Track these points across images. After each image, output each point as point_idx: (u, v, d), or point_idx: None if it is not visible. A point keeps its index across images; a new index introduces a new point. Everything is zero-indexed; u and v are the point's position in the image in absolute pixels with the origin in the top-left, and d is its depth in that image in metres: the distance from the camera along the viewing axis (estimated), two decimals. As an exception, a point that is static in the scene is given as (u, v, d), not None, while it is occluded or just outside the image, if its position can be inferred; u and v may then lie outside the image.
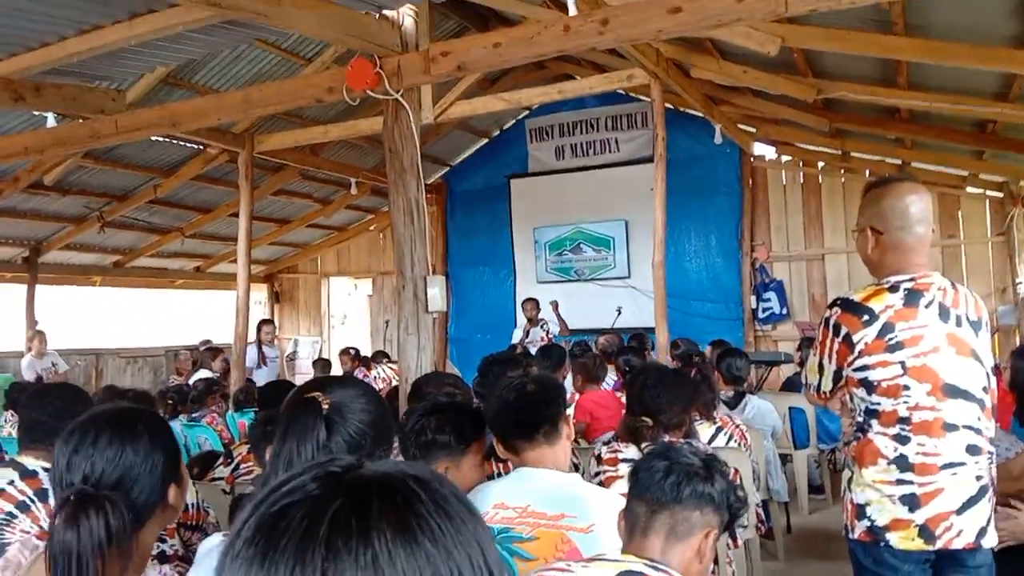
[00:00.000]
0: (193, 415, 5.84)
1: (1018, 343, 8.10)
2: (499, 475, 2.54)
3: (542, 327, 9.29)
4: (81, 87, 5.80)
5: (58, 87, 5.51)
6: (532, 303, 9.44)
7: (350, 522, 0.62)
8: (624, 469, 2.59)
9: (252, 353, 9.03)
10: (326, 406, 1.61)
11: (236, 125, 8.21)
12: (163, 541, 2.81)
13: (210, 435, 5.58)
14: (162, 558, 2.68)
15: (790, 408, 5.83)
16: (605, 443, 3.14)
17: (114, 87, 6.37)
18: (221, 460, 4.18)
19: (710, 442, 3.80)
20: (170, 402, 5.95)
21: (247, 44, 6.78)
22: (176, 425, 5.67)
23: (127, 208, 9.59)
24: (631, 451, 2.89)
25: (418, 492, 0.66)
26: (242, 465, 3.93)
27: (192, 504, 2.90)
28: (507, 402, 2.19)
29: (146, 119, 5.45)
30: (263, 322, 9.59)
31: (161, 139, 8.13)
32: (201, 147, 8.79)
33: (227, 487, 3.89)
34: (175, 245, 11.12)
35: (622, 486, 2.12)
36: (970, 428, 2.25)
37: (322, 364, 9.66)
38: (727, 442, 3.94)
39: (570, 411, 5.14)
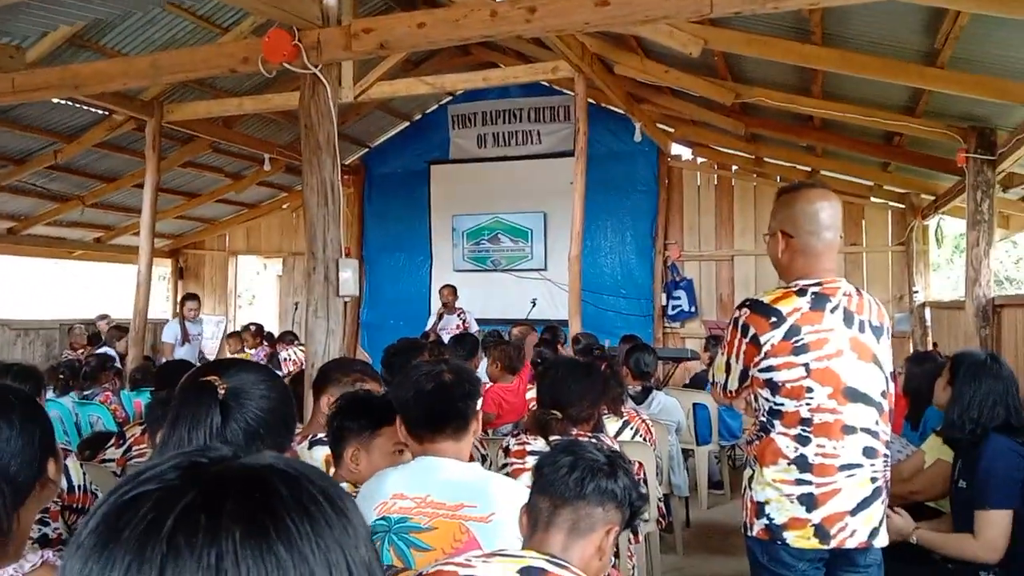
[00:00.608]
0: (85, 393, 5.58)
1: (912, 350, 8.47)
2: None
3: (459, 315, 9.22)
4: (-24, 41, 5.47)
5: (-51, 39, 5.18)
6: (450, 289, 9.34)
7: (199, 518, 0.56)
8: (532, 462, 2.58)
9: (174, 328, 8.74)
10: (222, 391, 1.53)
11: (145, 92, 7.87)
12: (46, 524, 2.67)
13: (103, 414, 5.35)
14: (44, 541, 2.55)
15: (694, 404, 5.95)
16: (513, 435, 3.13)
17: (14, 43, 6.01)
18: (113, 441, 4.00)
19: (617, 436, 3.83)
20: (61, 376, 5.66)
21: (159, 8, 6.50)
22: (67, 402, 5.41)
23: (24, 172, 9.09)
24: (539, 444, 2.89)
25: (280, 490, 0.60)
26: (135, 447, 3.78)
27: (79, 486, 2.77)
28: (422, 391, 2.11)
29: (46, 79, 5.17)
30: (187, 297, 9.20)
31: (64, 102, 7.73)
32: (107, 113, 8.39)
33: (118, 469, 3.73)
34: (75, 214, 10.60)
35: (529, 478, 2.10)
36: (868, 431, 2.31)
37: (235, 338, 9.39)
38: (633, 436, 3.99)
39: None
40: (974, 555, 2.80)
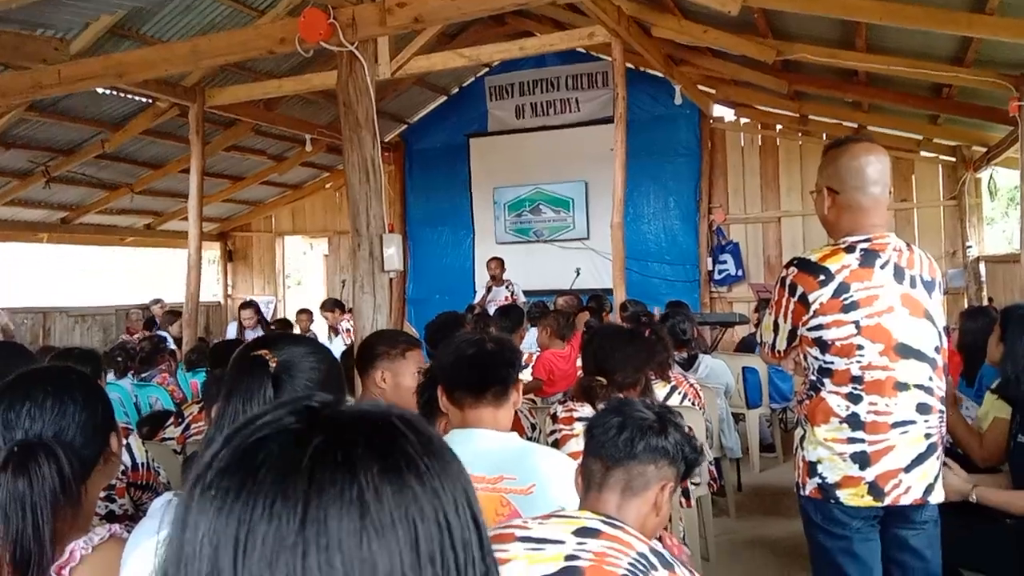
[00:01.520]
0: (143, 375, 5.73)
1: (967, 305, 8.29)
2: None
3: (507, 287, 9.23)
4: (22, 35, 5.58)
5: (-3, 34, 5.29)
6: (497, 261, 9.34)
7: (335, 455, 0.58)
8: (579, 428, 2.59)
9: (233, 331, 8.97)
10: (274, 364, 1.57)
11: (186, 78, 7.97)
12: (112, 501, 2.76)
13: (161, 395, 5.49)
14: (111, 518, 2.64)
15: (743, 368, 5.90)
16: (561, 402, 3.14)
17: (58, 36, 6.13)
18: (172, 419, 4.11)
19: (665, 401, 3.82)
20: (119, 360, 5.81)
21: (197, -7, 6.56)
22: (126, 384, 5.56)
23: (74, 163, 9.30)
24: (586, 410, 2.88)
25: (403, 430, 0.63)
26: (193, 425, 3.87)
27: (142, 463, 2.85)
28: (463, 355, 2.14)
29: (91, 69, 5.26)
30: (243, 305, 9.32)
31: (108, 92, 7.87)
32: (150, 100, 8.53)
33: (177, 447, 3.83)
34: (124, 201, 10.83)
35: (577, 444, 2.10)
36: (921, 387, 2.27)
37: (282, 323, 9.53)
38: (681, 401, 3.97)
39: (527, 371, 5.17)
40: None
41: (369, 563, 0.56)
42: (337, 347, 7.87)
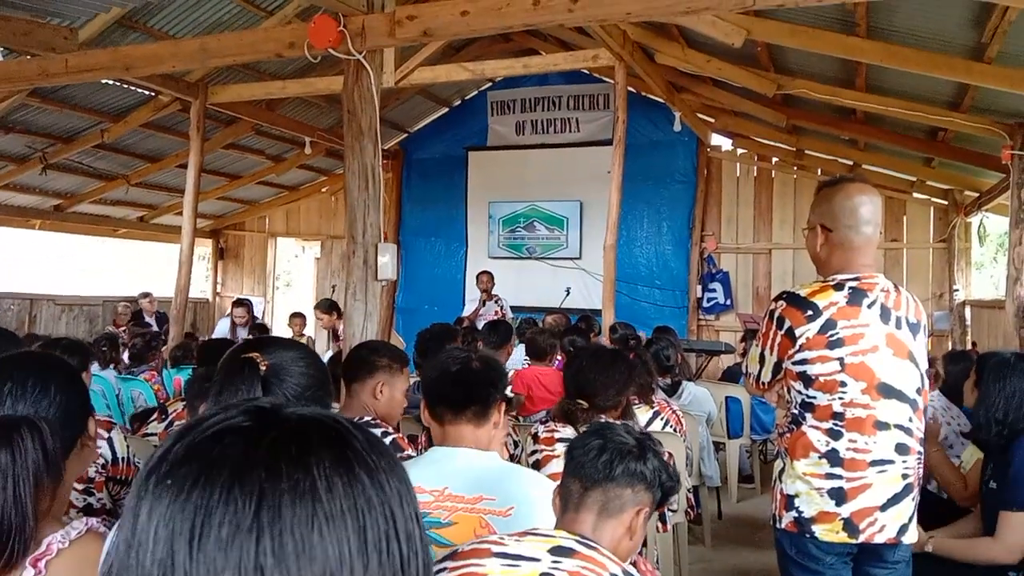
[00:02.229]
0: (132, 368, 5.71)
1: (950, 348, 8.36)
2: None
3: (496, 302, 9.24)
4: (32, 22, 5.59)
5: (7, 20, 5.30)
6: (488, 276, 9.35)
7: (289, 448, 0.62)
8: (561, 448, 2.60)
9: (224, 327, 8.91)
10: (264, 367, 1.58)
11: (190, 74, 7.99)
12: (90, 494, 2.76)
13: (145, 390, 5.46)
14: (88, 511, 2.63)
15: (727, 397, 5.93)
16: (543, 422, 3.14)
17: (67, 24, 6.14)
18: (155, 415, 4.10)
19: (647, 426, 3.84)
20: (104, 349, 5.79)
21: (207, -9, 6.60)
22: (110, 376, 5.54)
23: (72, 151, 9.28)
24: (568, 431, 2.89)
25: (353, 432, 0.66)
26: (176, 422, 3.86)
27: (122, 458, 2.85)
28: (447, 371, 2.16)
29: (98, 61, 5.27)
30: (237, 303, 9.32)
31: (112, 82, 7.88)
32: (153, 94, 8.53)
33: (159, 443, 3.82)
34: (119, 192, 10.81)
35: (558, 465, 2.11)
36: (901, 428, 2.30)
37: (259, 328, 9.42)
38: (663, 427, 3.99)
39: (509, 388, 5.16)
40: (992, 558, 2.77)
41: (320, 548, 0.59)
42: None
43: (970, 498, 3.24)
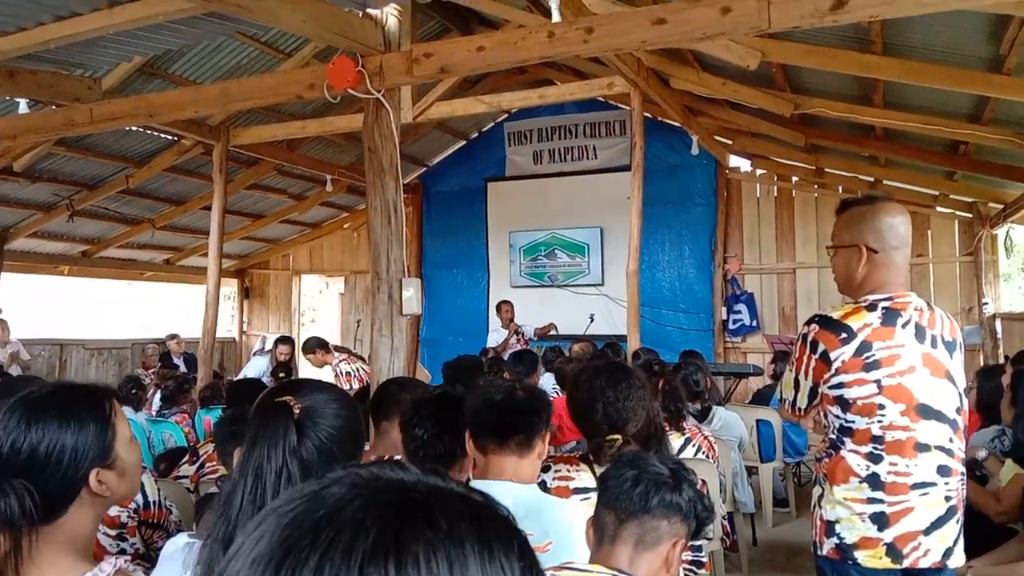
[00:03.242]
0: (162, 412, 5.76)
1: (982, 363, 8.23)
2: None
3: (516, 331, 9.24)
4: (57, 74, 5.71)
5: (33, 73, 5.41)
6: (508, 305, 9.37)
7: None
8: (578, 500, 2.41)
9: (262, 367, 8.91)
10: (298, 411, 1.58)
11: (212, 117, 8.11)
12: (123, 540, 2.76)
13: (176, 432, 5.50)
14: (122, 557, 2.63)
15: (757, 421, 5.87)
16: (544, 469, 2.59)
17: (90, 75, 6.26)
18: (187, 458, 4.12)
19: (679, 453, 3.80)
20: (133, 392, 5.84)
21: (227, 36, 6.71)
22: (140, 419, 5.58)
23: (98, 197, 9.44)
24: (585, 477, 2.55)
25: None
26: (207, 464, 3.88)
27: (154, 502, 2.86)
28: (492, 401, 2.16)
29: (122, 109, 5.36)
30: (281, 340, 9.23)
31: (135, 129, 8.01)
32: (175, 138, 8.67)
33: (191, 485, 3.83)
34: (145, 236, 10.96)
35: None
36: (942, 449, 2.26)
37: (282, 367, 9.35)
38: (696, 453, 3.95)
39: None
40: None
41: None
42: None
43: (1007, 512, 3.17)
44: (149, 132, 8.32)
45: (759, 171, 10.50)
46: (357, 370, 8.02)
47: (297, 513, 0.57)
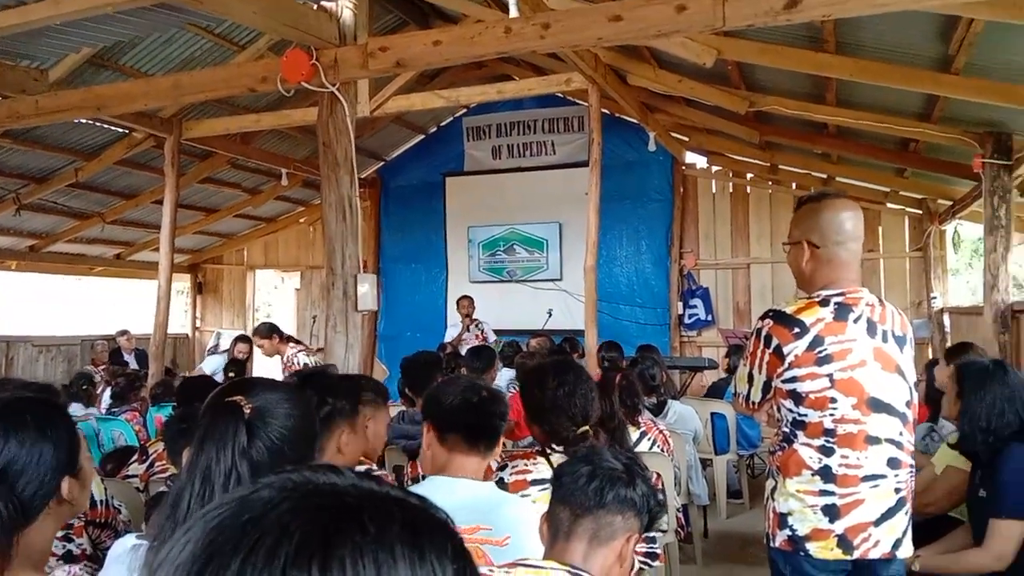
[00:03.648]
0: (113, 409, 5.64)
1: (931, 356, 8.41)
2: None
3: (477, 326, 9.21)
4: (2, 64, 5.55)
5: (-25, 62, 5.26)
6: (468, 300, 9.33)
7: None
8: (535, 491, 2.43)
9: (218, 363, 8.67)
10: (248, 411, 1.55)
11: (164, 110, 7.96)
12: (70, 540, 2.70)
13: (126, 430, 5.39)
14: (68, 558, 2.58)
15: (712, 414, 5.93)
16: (509, 458, 2.70)
17: (36, 66, 6.10)
18: (136, 456, 4.04)
19: (635, 446, 3.83)
20: (84, 388, 5.73)
21: (178, 28, 6.58)
22: (89, 418, 5.46)
23: (46, 191, 9.21)
24: (542, 468, 2.56)
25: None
26: (157, 463, 3.81)
27: (101, 501, 2.80)
28: (469, 402, 2.15)
29: (70, 101, 5.23)
30: (240, 339, 8.80)
31: (84, 121, 7.83)
32: (126, 131, 8.49)
33: (141, 485, 3.76)
34: (95, 231, 10.72)
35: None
36: (892, 442, 2.30)
37: (234, 364, 9.18)
38: (651, 447, 3.98)
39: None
40: (980, 567, 2.76)
41: None
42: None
43: (933, 503, 3.23)
44: (99, 125, 8.14)
45: (715, 168, 10.61)
46: (316, 363, 7.92)
47: (223, 518, 0.56)
